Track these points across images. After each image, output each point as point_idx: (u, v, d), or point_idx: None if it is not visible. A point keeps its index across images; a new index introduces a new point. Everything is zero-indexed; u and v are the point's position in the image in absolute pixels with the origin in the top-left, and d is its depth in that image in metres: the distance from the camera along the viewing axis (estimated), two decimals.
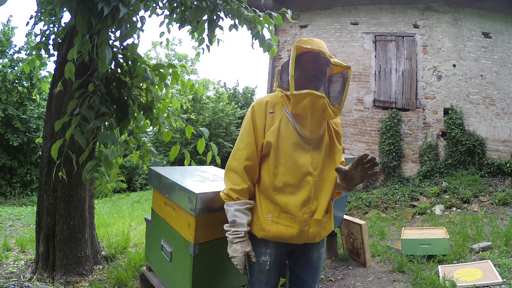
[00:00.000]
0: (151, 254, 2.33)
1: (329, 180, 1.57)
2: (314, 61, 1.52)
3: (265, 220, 1.51)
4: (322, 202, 1.54)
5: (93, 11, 2.11)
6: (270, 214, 1.51)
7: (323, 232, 1.56)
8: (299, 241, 1.52)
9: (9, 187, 12.62)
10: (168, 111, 3.34)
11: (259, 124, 1.53)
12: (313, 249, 1.61)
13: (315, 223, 1.51)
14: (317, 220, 1.52)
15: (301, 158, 1.51)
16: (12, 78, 12.41)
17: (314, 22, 8.11)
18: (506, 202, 5.67)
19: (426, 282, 2.89)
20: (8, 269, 3.03)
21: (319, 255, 1.64)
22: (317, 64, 1.52)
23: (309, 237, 1.51)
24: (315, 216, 1.51)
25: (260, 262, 1.53)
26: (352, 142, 7.66)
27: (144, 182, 15.13)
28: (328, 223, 1.60)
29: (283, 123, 1.52)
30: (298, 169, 1.50)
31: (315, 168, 1.52)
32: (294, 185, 1.49)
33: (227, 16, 3.05)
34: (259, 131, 1.53)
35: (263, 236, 1.51)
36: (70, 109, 2.37)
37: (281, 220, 1.50)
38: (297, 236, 1.49)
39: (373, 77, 7.59)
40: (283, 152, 1.50)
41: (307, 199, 1.50)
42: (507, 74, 7.01)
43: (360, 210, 6.52)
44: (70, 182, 2.82)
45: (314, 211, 1.51)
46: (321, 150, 1.56)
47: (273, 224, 1.50)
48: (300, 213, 1.49)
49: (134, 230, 4.93)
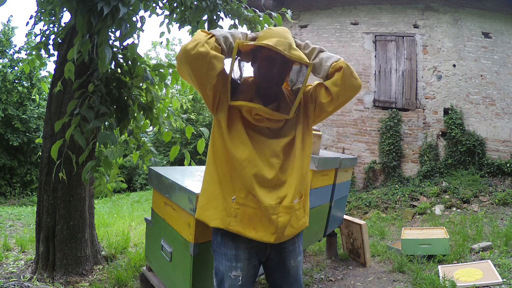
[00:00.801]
0: (151, 254, 2.33)
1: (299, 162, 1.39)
2: (267, 61, 1.35)
3: (229, 203, 1.32)
4: (291, 187, 1.35)
5: (93, 11, 2.11)
6: (236, 194, 1.32)
7: (294, 221, 1.37)
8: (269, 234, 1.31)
9: (9, 187, 12.62)
10: (168, 111, 3.34)
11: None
12: (289, 257, 1.44)
13: (284, 211, 1.31)
14: (286, 207, 1.32)
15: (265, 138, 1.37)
16: (12, 78, 12.42)
17: (314, 22, 8.11)
18: (506, 202, 5.67)
19: (426, 282, 2.89)
20: (8, 269, 3.03)
21: (297, 264, 1.47)
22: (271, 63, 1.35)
23: (279, 228, 1.30)
24: (284, 203, 1.32)
25: (231, 277, 1.35)
26: (352, 142, 7.66)
27: (144, 182, 15.13)
28: (300, 210, 1.41)
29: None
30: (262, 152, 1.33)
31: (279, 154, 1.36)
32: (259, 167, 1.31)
33: (227, 16, 3.05)
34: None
35: (227, 227, 1.31)
36: (70, 109, 2.37)
37: (248, 202, 1.31)
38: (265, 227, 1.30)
39: (373, 77, 7.59)
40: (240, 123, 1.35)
41: (273, 184, 1.32)
42: (507, 74, 7.01)
43: (360, 210, 6.52)
44: (70, 182, 2.82)
45: (283, 198, 1.32)
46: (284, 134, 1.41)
47: (240, 207, 1.31)
48: (266, 199, 1.29)
49: (134, 230, 4.93)
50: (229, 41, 1.29)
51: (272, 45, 1.24)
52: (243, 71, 1.46)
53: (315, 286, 3.09)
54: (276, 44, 1.24)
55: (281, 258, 1.44)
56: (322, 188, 3.01)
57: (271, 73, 1.35)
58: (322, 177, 2.96)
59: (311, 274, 3.31)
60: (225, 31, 1.30)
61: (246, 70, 1.46)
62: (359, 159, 7.25)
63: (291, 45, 1.28)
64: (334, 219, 3.50)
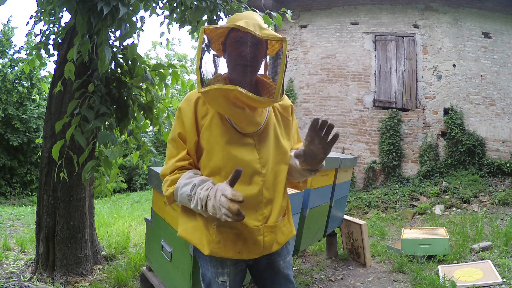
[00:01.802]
0: (151, 254, 2.33)
1: (281, 176, 1.33)
2: (238, 43, 1.23)
3: (211, 229, 1.24)
4: (276, 205, 1.31)
5: (92, 11, 2.11)
6: (216, 220, 1.22)
7: (281, 238, 1.34)
8: (254, 254, 1.28)
9: (9, 187, 12.62)
10: (168, 111, 3.35)
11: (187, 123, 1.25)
12: (278, 259, 1.38)
13: (270, 230, 1.28)
14: (272, 227, 1.29)
15: (244, 156, 1.24)
16: (12, 78, 12.41)
17: (314, 22, 8.11)
18: (506, 202, 5.67)
19: (426, 282, 2.89)
20: (8, 269, 3.03)
21: (287, 265, 1.42)
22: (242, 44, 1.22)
23: (266, 247, 1.28)
24: (269, 222, 1.28)
25: (218, 283, 1.29)
26: (352, 142, 7.66)
27: (144, 182, 15.12)
28: (286, 226, 1.37)
29: (215, 120, 1.25)
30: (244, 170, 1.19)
31: (264, 165, 1.27)
32: (241, 189, 1.20)
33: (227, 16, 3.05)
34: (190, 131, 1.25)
35: (212, 252, 1.23)
36: (70, 109, 2.38)
37: (230, 227, 1.24)
38: (250, 249, 1.26)
39: (373, 77, 7.59)
40: (219, 153, 1.23)
41: (257, 203, 1.26)
42: (507, 74, 7.01)
43: (360, 210, 6.52)
44: (70, 182, 2.82)
45: (268, 217, 1.28)
46: (268, 143, 1.30)
47: (221, 233, 1.24)
48: (250, 221, 1.24)
49: (134, 230, 4.93)
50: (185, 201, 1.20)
51: (241, 25, 1.14)
52: (218, 66, 1.33)
53: (315, 286, 3.09)
54: (246, 25, 1.15)
55: (270, 261, 1.38)
56: (322, 188, 3.01)
57: (243, 54, 1.23)
58: (322, 177, 2.96)
59: (311, 274, 3.31)
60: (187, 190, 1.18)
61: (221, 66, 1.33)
62: (359, 159, 7.25)
63: (261, 26, 1.19)
64: (334, 219, 3.50)
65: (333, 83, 7.84)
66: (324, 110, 7.86)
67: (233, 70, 1.26)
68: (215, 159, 1.24)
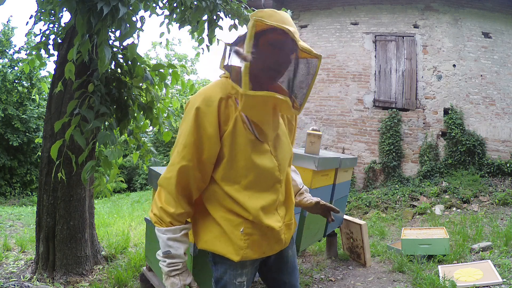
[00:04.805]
0: (151, 254, 2.33)
1: (288, 176, 1.38)
2: (278, 45, 1.13)
3: (238, 236, 1.21)
4: (289, 204, 1.37)
5: (92, 11, 2.11)
6: (242, 226, 1.22)
7: (292, 233, 1.42)
8: (275, 251, 1.33)
9: (9, 187, 12.63)
10: (168, 111, 3.35)
11: (209, 130, 1.14)
12: (287, 249, 1.43)
13: (287, 228, 1.35)
14: (288, 224, 1.35)
15: (266, 164, 1.22)
16: (12, 78, 12.42)
17: (314, 22, 8.11)
18: (506, 202, 5.67)
19: (426, 282, 2.89)
20: (8, 269, 3.03)
21: (293, 253, 1.49)
22: (282, 50, 1.14)
23: (286, 243, 1.36)
24: (285, 221, 1.34)
25: (236, 284, 1.28)
26: (352, 142, 7.66)
27: (144, 182, 15.13)
28: (294, 222, 1.45)
29: (238, 127, 1.18)
30: (266, 179, 1.23)
31: (282, 171, 1.29)
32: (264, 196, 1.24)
33: (227, 16, 3.05)
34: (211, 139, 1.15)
35: (242, 258, 1.22)
36: (70, 109, 2.38)
37: (256, 231, 1.23)
38: (272, 247, 1.31)
39: (373, 77, 7.59)
40: (242, 162, 1.19)
41: (276, 206, 1.30)
42: (507, 74, 7.01)
43: (360, 210, 6.52)
44: (70, 182, 2.82)
45: (284, 216, 1.34)
46: (281, 148, 1.31)
47: (249, 237, 1.22)
48: (274, 223, 1.28)
49: (134, 230, 4.93)
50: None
51: (291, 31, 1.08)
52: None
53: (315, 286, 3.09)
54: (294, 34, 1.10)
55: (280, 254, 1.41)
56: (322, 188, 3.01)
57: (281, 62, 1.16)
58: (322, 177, 2.96)
59: (311, 274, 3.31)
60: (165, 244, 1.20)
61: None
62: (359, 159, 7.25)
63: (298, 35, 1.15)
64: (334, 219, 3.50)
65: (333, 83, 7.84)
66: (324, 110, 7.86)
67: (261, 71, 1.15)
68: (236, 167, 1.19)
